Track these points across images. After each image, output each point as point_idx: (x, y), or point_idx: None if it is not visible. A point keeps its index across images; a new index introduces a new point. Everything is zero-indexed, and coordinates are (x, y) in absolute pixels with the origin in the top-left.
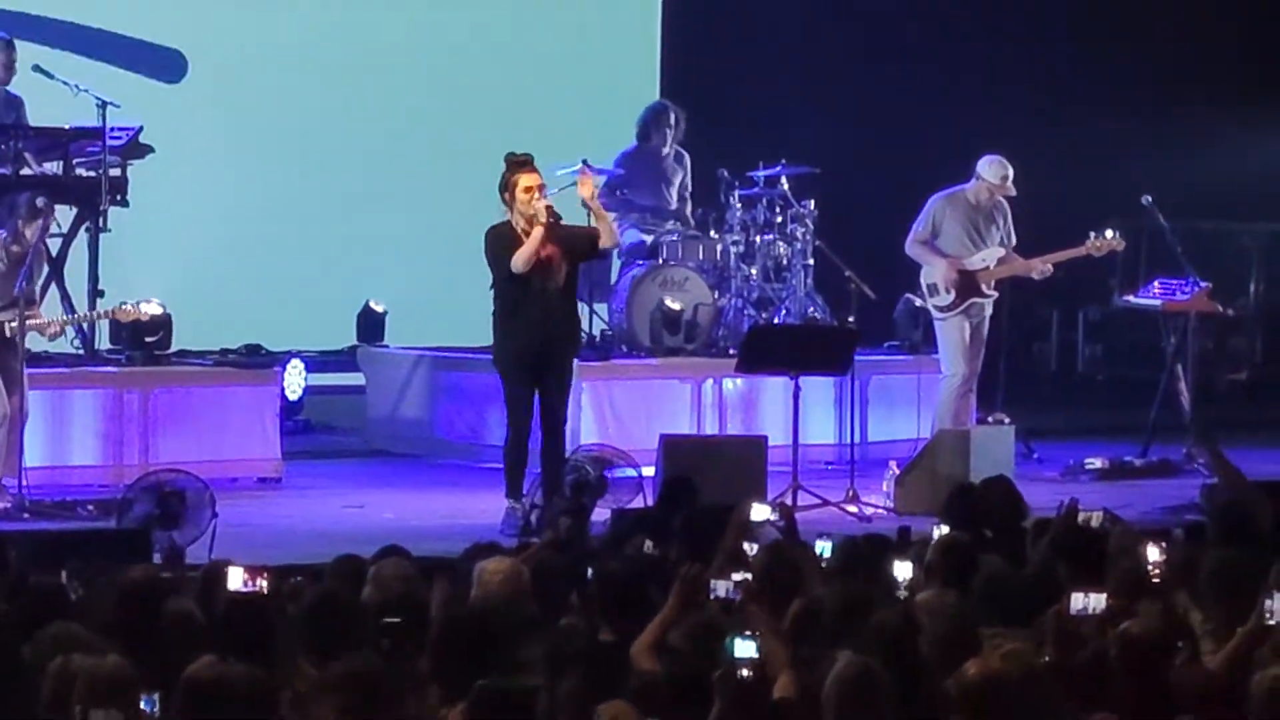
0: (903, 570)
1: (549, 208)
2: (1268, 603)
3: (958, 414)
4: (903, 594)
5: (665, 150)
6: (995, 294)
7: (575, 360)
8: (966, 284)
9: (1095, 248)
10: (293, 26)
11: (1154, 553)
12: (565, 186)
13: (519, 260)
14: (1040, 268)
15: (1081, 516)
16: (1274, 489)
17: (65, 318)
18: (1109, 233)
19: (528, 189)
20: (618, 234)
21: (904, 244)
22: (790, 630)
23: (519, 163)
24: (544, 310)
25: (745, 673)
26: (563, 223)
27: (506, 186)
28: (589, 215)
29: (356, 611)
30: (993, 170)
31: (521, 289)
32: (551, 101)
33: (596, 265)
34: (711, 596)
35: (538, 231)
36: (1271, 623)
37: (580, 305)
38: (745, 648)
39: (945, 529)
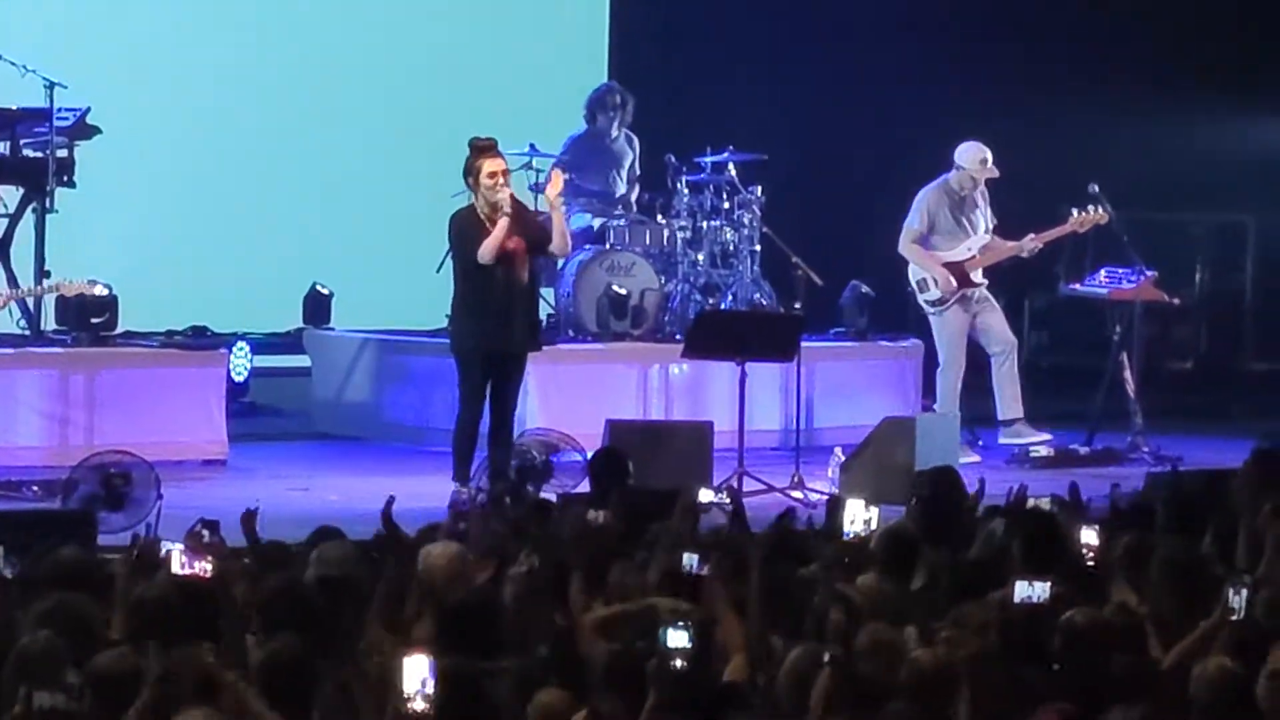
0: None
1: (513, 197)
2: (1230, 594)
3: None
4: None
5: (613, 133)
6: (985, 281)
7: None
8: (957, 277)
9: (1079, 223)
10: (242, 9)
11: (1090, 536)
12: (514, 170)
13: (486, 252)
14: (1030, 246)
15: (1031, 503)
16: (1219, 477)
17: (10, 291)
18: (1091, 207)
19: (491, 174)
20: (569, 244)
21: (859, 231)
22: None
23: (482, 148)
24: (508, 302)
25: (679, 663)
26: (525, 212)
27: (470, 171)
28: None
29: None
30: (970, 156)
31: (486, 279)
32: (499, 85)
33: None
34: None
35: (503, 223)
36: (1234, 616)
37: None
38: (678, 638)
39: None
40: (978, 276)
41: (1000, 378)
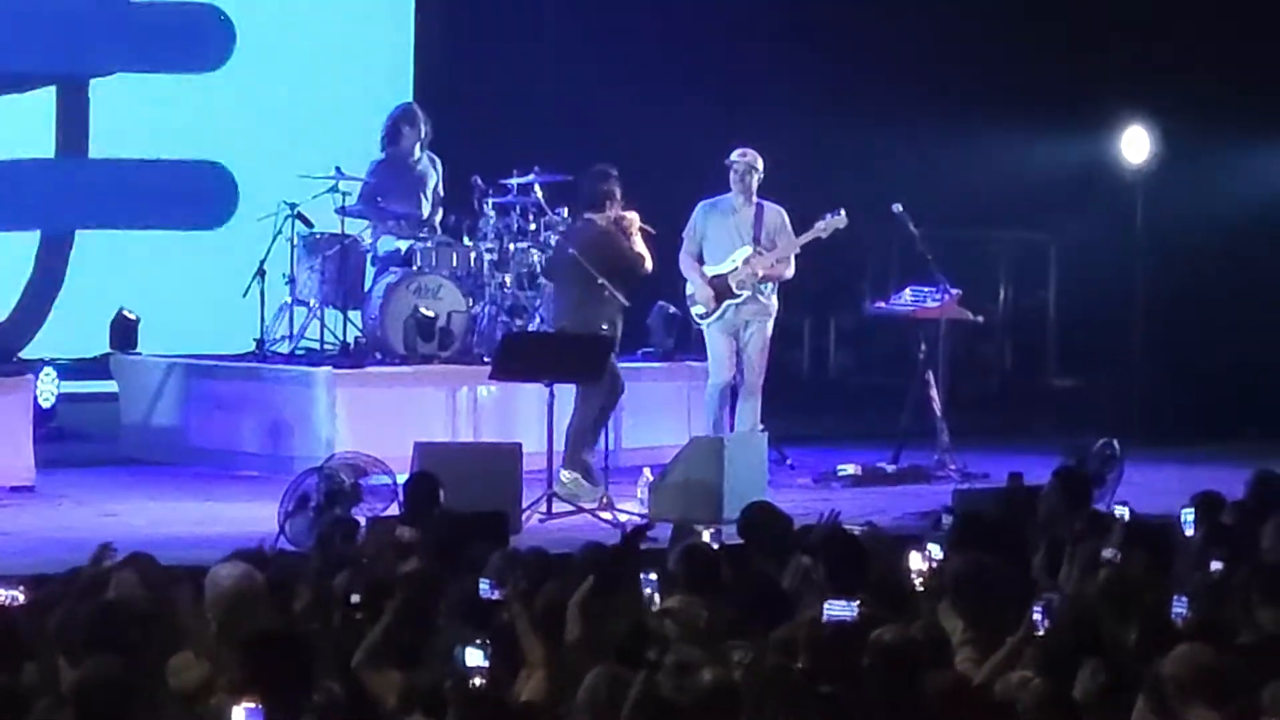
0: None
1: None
2: (1033, 610)
3: (719, 421)
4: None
5: (415, 155)
6: (746, 294)
7: None
8: (719, 290)
9: (822, 230)
10: None
11: (916, 560)
12: (320, 193)
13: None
14: (769, 265)
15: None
16: (1021, 493)
17: None
18: (830, 214)
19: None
20: None
21: (666, 252)
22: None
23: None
24: None
25: (477, 681)
26: None
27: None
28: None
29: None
30: (733, 157)
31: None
32: (305, 106)
33: (350, 272)
34: (481, 596)
35: None
36: (1039, 632)
37: (333, 312)
38: (475, 656)
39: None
40: (738, 288)
41: (739, 414)
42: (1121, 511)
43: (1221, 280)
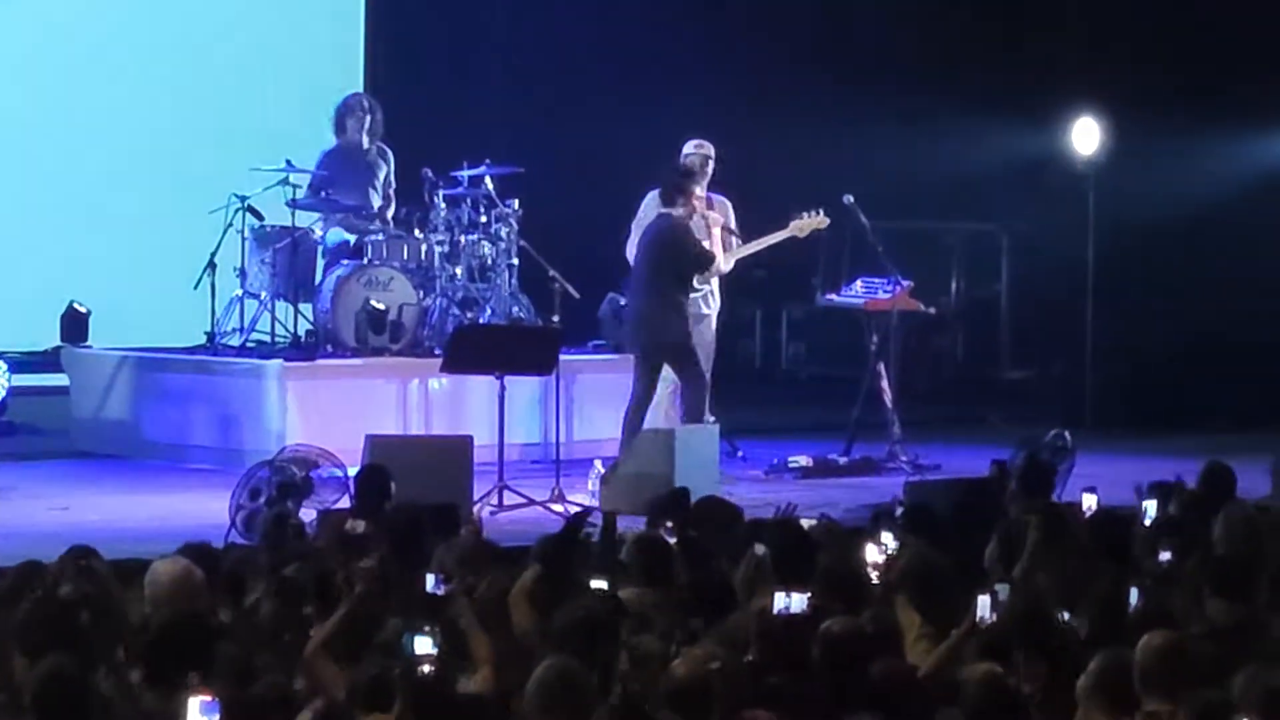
0: None
1: None
2: (980, 601)
3: (667, 412)
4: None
5: (366, 146)
6: (705, 288)
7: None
8: None
9: (799, 229)
10: None
11: (873, 553)
12: (271, 186)
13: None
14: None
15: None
16: (973, 486)
17: None
18: (809, 212)
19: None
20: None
21: (616, 244)
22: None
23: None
24: None
25: (425, 669)
26: None
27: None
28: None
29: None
30: (687, 148)
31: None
32: (255, 99)
33: (300, 265)
34: (425, 590)
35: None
36: (985, 622)
37: (284, 305)
38: (423, 644)
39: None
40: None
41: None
42: (1090, 500)
43: (1173, 271)
